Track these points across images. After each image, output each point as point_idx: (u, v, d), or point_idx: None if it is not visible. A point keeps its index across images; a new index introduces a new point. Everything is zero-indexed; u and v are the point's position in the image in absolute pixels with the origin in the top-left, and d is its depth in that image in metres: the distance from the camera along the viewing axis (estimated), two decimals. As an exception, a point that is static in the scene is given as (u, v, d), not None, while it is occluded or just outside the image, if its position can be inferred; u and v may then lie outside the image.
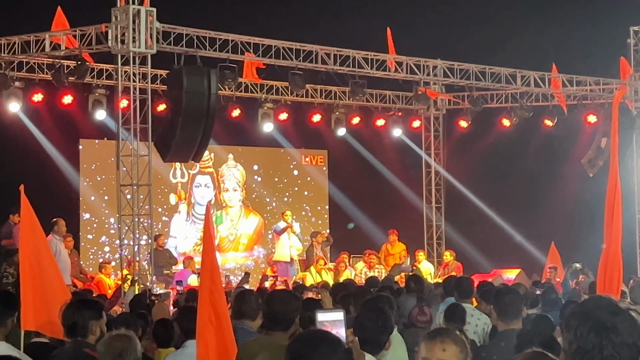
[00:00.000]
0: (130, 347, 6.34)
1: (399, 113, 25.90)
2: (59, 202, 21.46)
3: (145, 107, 17.85)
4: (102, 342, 6.46)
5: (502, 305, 7.64)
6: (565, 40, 24.30)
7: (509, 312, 7.55)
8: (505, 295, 7.76)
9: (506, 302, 7.65)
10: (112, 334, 6.56)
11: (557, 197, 25.15)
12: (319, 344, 3.70)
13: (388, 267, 22.53)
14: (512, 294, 7.87)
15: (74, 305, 7.22)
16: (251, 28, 20.01)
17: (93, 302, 7.54)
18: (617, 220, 4.80)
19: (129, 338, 6.44)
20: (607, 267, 4.85)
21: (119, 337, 6.45)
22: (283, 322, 6.62)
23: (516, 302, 7.72)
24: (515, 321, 7.52)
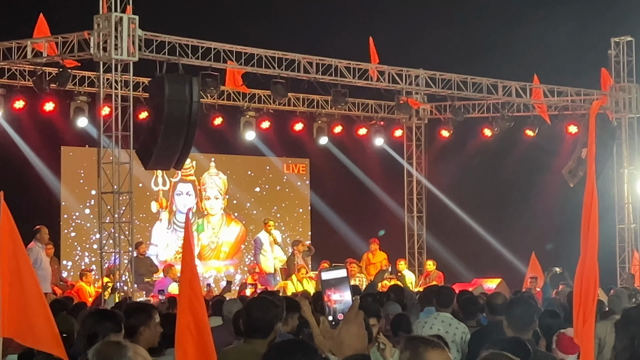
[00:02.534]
0: (116, 356, 6.29)
1: (381, 122, 25.95)
2: (40, 210, 21.42)
3: (127, 115, 17.81)
4: (93, 348, 6.41)
5: (514, 316, 7.60)
6: (546, 51, 24.43)
7: (520, 323, 7.51)
8: (518, 306, 7.74)
9: (518, 313, 7.61)
10: (104, 342, 6.53)
11: (538, 207, 25.24)
12: (294, 353, 3.71)
13: (369, 276, 22.53)
14: (525, 304, 7.85)
15: (95, 315, 7.19)
16: (233, 36, 20.01)
17: (114, 314, 7.50)
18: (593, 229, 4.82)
19: (119, 346, 6.38)
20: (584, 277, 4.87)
21: (109, 344, 6.41)
22: (262, 329, 6.62)
23: (528, 313, 7.68)
24: (526, 332, 7.48)
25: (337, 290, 3.81)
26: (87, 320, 7.05)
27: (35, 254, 17.76)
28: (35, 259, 17.66)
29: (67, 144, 23.09)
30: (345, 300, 3.80)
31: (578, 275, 4.92)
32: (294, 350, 3.78)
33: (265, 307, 6.76)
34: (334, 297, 3.81)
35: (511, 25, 24.93)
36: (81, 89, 21.38)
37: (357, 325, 3.71)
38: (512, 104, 24.37)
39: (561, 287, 19.45)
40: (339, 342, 3.68)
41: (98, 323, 6.94)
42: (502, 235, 25.67)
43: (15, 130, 21.72)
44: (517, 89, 23.29)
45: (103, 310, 8.28)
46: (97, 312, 7.37)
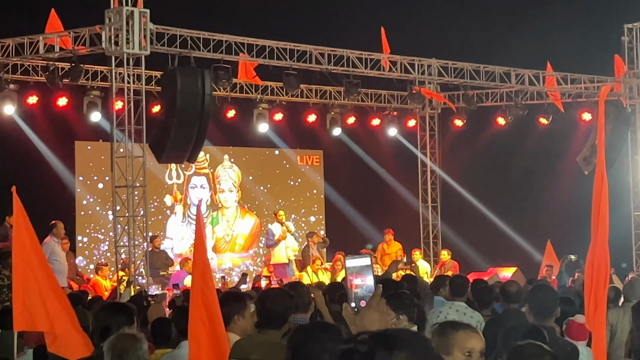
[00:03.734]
0: (131, 350, 6.31)
1: (394, 112, 25.91)
2: (55, 204, 21.48)
3: (140, 109, 17.85)
4: (108, 341, 6.43)
5: (536, 303, 7.58)
6: (559, 38, 24.32)
7: (543, 310, 7.49)
8: (541, 294, 7.70)
9: (540, 300, 7.59)
10: (119, 334, 6.54)
11: (552, 195, 25.17)
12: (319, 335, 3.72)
13: (384, 266, 22.50)
14: (548, 292, 7.81)
15: (107, 308, 7.20)
16: (245, 28, 20.01)
17: (126, 307, 7.52)
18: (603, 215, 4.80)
19: (134, 339, 6.40)
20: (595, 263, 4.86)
21: (124, 337, 6.42)
22: (276, 320, 6.60)
23: (551, 300, 7.64)
24: (548, 320, 7.46)
25: (359, 276, 3.84)
26: (99, 313, 7.06)
27: (51, 249, 17.82)
28: (51, 254, 17.72)
29: (80, 138, 23.14)
30: (367, 286, 3.83)
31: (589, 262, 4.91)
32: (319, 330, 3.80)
33: (279, 298, 6.76)
34: (356, 282, 3.84)
35: (524, 13, 24.85)
36: (94, 84, 21.43)
37: (379, 312, 3.75)
38: (526, 92, 24.29)
39: (577, 275, 19.41)
40: (362, 328, 3.71)
41: (111, 316, 6.95)
42: (517, 223, 25.61)
43: (29, 125, 21.79)
44: (530, 77, 23.22)
45: (116, 303, 8.30)
46: (109, 305, 7.39)
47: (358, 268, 3.81)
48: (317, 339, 3.74)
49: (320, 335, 3.77)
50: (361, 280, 3.79)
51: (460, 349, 5.14)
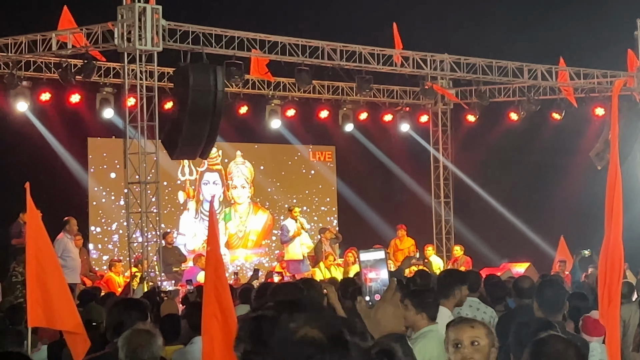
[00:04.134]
0: (146, 345, 6.32)
1: (407, 108, 25.89)
2: (68, 201, 21.51)
3: (152, 105, 17.89)
4: (123, 336, 6.44)
5: (545, 299, 7.57)
6: (572, 33, 24.24)
7: (550, 305, 7.48)
8: (548, 289, 7.69)
9: (548, 295, 7.58)
10: (134, 329, 6.55)
11: (565, 190, 25.11)
12: None
13: (397, 262, 22.49)
14: (555, 287, 7.80)
15: (121, 304, 7.22)
16: (257, 24, 20.02)
17: (139, 303, 7.53)
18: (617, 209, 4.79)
19: (149, 335, 6.40)
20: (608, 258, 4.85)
21: (139, 332, 6.43)
22: None
23: (559, 295, 7.64)
24: (556, 315, 7.44)
25: (373, 269, 3.85)
26: (113, 309, 7.08)
27: (64, 245, 17.86)
28: (64, 250, 17.77)
29: (93, 135, 23.18)
30: (381, 279, 3.84)
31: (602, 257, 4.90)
32: None
33: (291, 292, 6.76)
34: (370, 276, 3.84)
35: (537, 8, 24.79)
36: (106, 80, 21.47)
37: (393, 306, 3.77)
38: (538, 87, 24.24)
39: (590, 270, 19.37)
40: (376, 322, 3.74)
41: (124, 312, 6.97)
42: (530, 219, 25.56)
43: (42, 122, 21.84)
44: (543, 72, 23.17)
45: (129, 299, 8.32)
46: (123, 300, 7.40)
47: (372, 262, 3.82)
48: None
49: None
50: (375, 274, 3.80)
51: (450, 342, 5.23)
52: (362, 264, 3.86)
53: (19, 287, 14.84)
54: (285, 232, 22.62)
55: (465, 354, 5.13)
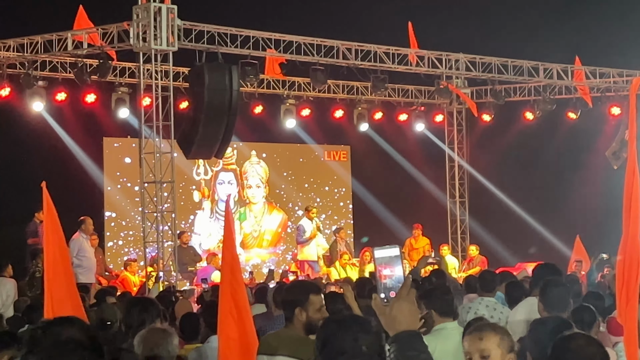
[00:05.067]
0: (162, 343, 6.34)
1: (422, 107, 25.86)
2: (84, 201, 21.57)
3: (168, 105, 17.92)
4: (139, 335, 6.47)
5: (548, 297, 7.55)
6: (588, 32, 24.16)
7: (555, 304, 7.46)
8: (553, 288, 7.68)
9: (553, 294, 7.56)
10: (150, 328, 6.57)
11: (581, 190, 25.02)
12: (350, 326, 3.73)
13: (412, 261, 22.47)
14: (560, 286, 7.79)
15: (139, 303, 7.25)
16: (272, 24, 20.02)
17: (155, 302, 7.60)
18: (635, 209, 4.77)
19: (165, 333, 6.43)
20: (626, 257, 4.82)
21: (155, 331, 6.46)
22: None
23: (563, 294, 7.62)
24: (562, 314, 7.41)
25: (388, 266, 3.83)
26: (132, 308, 7.10)
27: (79, 245, 17.88)
28: (80, 250, 17.81)
29: (109, 135, 23.23)
30: (396, 276, 3.83)
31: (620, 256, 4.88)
32: (350, 322, 3.81)
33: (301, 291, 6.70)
34: (385, 272, 3.83)
35: (552, 7, 24.72)
36: (122, 80, 21.52)
37: (408, 303, 3.75)
38: (554, 86, 24.16)
39: (606, 270, 19.30)
40: (391, 319, 3.73)
41: (144, 311, 6.99)
42: (546, 218, 25.48)
43: (58, 122, 21.90)
44: (558, 71, 23.10)
45: (145, 298, 8.34)
46: (141, 300, 7.42)
47: (387, 259, 3.81)
48: (347, 329, 3.75)
49: (351, 327, 3.77)
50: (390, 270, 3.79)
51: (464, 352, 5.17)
52: (377, 261, 3.85)
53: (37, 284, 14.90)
54: (302, 232, 22.61)
55: None
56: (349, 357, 3.61)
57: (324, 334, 3.71)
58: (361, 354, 3.62)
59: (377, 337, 3.78)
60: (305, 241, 22.44)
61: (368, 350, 3.63)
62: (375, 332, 3.80)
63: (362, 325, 3.76)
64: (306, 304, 6.30)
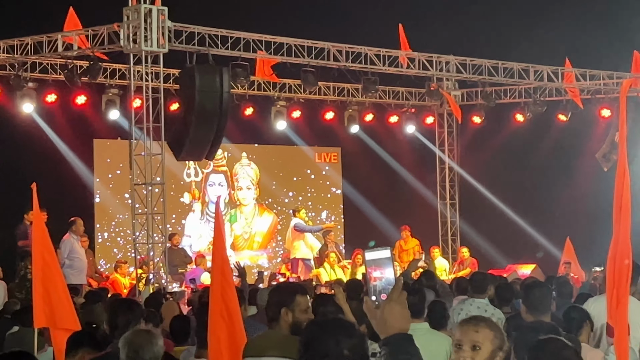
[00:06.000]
0: (147, 345, 6.35)
1: (412, 109, 25.87)
2: (74, 202, 21.54)
3: (158, 106, 17.89)
4: (123, 337, 6.48)
5: (531, 299, 7.56)
6: (578, 35, 24.20)
7: (538, 306, 7.47)
8: (535, 289, 7.69)
9: (536, 295, 7.57)
10: (134, 330, 6.58)
11: (572, 192, 25.06)
12: (333, 329, 3.71)
13: (402, 263, 22.46)
14: (542, 287, 7.80)
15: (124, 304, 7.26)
16: (263, 26, 20.00)
17: (134, 304, 7.62)
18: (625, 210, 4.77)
19: (150, 335, 6.44)
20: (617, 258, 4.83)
21: (140, 333, 6.47)
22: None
23: (546, 296, 7.63)
24: (544, 315, 7.43)
25: (378, 268, 3.81)
26: (118, 309, 7.11)
27: (70, 246, 17.86)
28: (71, 251, 17.78)
29: (99, 136, 23.20)
30: (386, 278, 3.80)
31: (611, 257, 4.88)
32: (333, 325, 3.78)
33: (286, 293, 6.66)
34: (375, 274, 3.81)
35: (543, 9, 24.76)
36: (112, 82, 21.49)
37: (400, 305, 3.73)
38: (544, 88, 24.21)
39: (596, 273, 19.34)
40: (382, 322, 3.71)
41: (121, 313, 7.00)
42: (536, 220, 25.52)
43: (48, 123, 21.85)
44: (549, 74, 23.12)
45: (126, 299, 8.35)
46: (118, 301, 7.44)
47: (378, 261, 3.78)
48: (329, 332, 3.72)
49: (333, 330, 3.75)
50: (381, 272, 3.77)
51: (454, 341, 5.16)
52: (367, 263, 3.83)
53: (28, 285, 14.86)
54: (302, 229, 22.58)
55: (464, 357, 5.05)
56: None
57: (307, 336, 3.70)
58: (343, 357, 3.60)
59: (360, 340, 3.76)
60: (307, 229, 22.43)
61: (350, 354, 3.61)
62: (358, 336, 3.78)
63: (345, 329, 3.74)
64: (292, 305, 6.28)
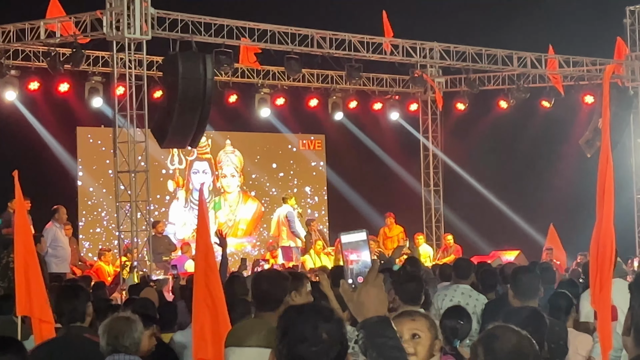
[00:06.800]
0: (127, 331, 6.36)
1: (396, 96, 25.86)
2: (57, 190, 21.46)
3: (141, 94, 17.83)
4: (103, 324, 6.49)
5: (519, 284, 7.58)
6: (561, 21, 24.25)
7: (526, 291, 7.49)
8: (523, 275, 7.71)
9: (523, 281, 7.59)
10: (114, 316, 6.59)
11: (555, 178, 25.14)
12: (309, 314, 3.69)
13: (387, 250, 22.48)
14: (530, 273, 7.81)
15: (70, 291, 7.22)
16: (246, 13, 19.96)
17: (81, 286, 7.62)
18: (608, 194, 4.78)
19: (129, 321, 6.45)
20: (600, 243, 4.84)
21: (119, 319, 6.49)
22: (271, 302, 6.47)
23: (533, 281, 7.65)
24: (532, 301, 7.45)
25: (354, 251, 3.79)
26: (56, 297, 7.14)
27: (53, 234, 17.77)
28: (53, 239, 17.69)
29: (82, 124, 23.11)
30: (362, 261, 3.78)
31: (594, 242, 4.88)
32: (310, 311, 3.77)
33: (273, 279, 6.67)
34: (351, 257, 3.79)
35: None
36: (95, 69, 21.39)
37: (376, 288, 3.71)
38: (528, 75, 24.25)
39: (580, 258, 19.45)
40: (359, 305, 3.69)
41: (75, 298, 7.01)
42: (520, 207, 25.58)
43: (31, 111, 21.75)
44: (532, 60, 23.16)
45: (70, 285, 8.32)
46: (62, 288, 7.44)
47: (354, 244, 3.76)
48: (306, 317, 3.71)
49: (310, 314, 3.74)
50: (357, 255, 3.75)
51: None
52: (344, 246, 3.81)
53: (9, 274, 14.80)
54: (292, 218, 22.63)
55: (405, 348, 5.06)
56: (309, 345, 3.57)
57: (284, 322, 3.69)
58: (322, 341, 3.58)
59: (337, 324, 3.75)
60: (297, 232, 22.55)
61: (328, 338, 3.60)
62: (336, 320, 3.77)
63: (322, 313, 3.73)
64: (301, 289, 6.33)
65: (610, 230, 4.87)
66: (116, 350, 6.39)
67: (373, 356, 3.64)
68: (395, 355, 3.64)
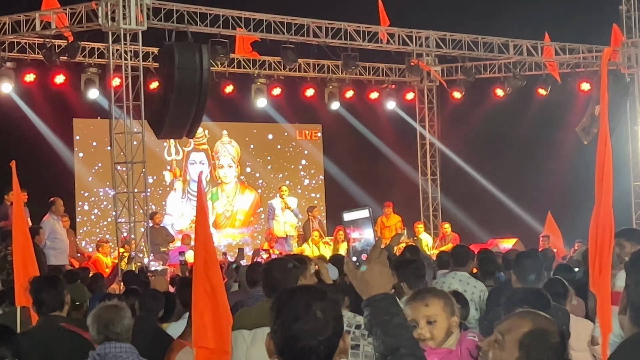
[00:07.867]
0: (117, 319, 6.38)
1: (392, 85, 25.84)
2: (54, 182, 21.45)
3: (138, 85, 17.82)
4: (92, 313, 6.51)
5: (522, 268, 7.58)
6: (557, 8, 24.23)
7: (529, 275, 7.49)
8: (526, 259, 7.71)
9: (527, 265, 7.59)
10: (102, 305, 6.60)
11: (552, 165, 25.15)
12: (302, 293, 3.69)
13: (385, 239, 22.49)
14: (534, 257, 7.81)
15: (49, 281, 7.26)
16: (242, 2, 19.93)
17: (58, 276, 7.68)
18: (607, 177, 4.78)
19: (118, 309, 6.47)
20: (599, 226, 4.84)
21: (108, 308, 6.50)
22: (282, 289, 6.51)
23: (537, 266, 7.65)
24: (536, 285, 7.44)
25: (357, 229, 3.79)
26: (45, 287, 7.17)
27: (51, 226, 17.77)
28: (51, 232, 17.69)
29: (78, 116, 23.09)
30: (365, 239, 3.78)
31: (593, 225, 4.89)
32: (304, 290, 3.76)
33: (284, 267, 6.69)
34: (354, 235, 3.79)
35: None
36: (91, 61, 21.35)
37: (380, 264, 3.69)
38: (524, 63, 24.25)
39: (577, 245, 19.46)
40: (364, 282, 3.68)
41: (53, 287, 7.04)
42: (517, 195, 25.59)
43: (27, 103, 21.73)
44: (528, 48, 23.15)
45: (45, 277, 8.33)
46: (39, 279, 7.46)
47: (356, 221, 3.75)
48: (299, 296, 3.70)
49: (303, 293, 3.73)
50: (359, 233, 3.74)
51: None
52: (345, 224, 3.82)
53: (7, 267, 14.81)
54: (271, 210, 22.75)
55: (422, 334, 5.03)
56: (302, 323, 3.57)
57: (278, 303, 3.68)
58: (316, 319, 3.58)
59: (331, 303, 3.74)
60: (273, 218, 22.62)
61: (322, 315, 3.59)
62: (329, 298, 3.76)
63: (315, 292, 3.72)
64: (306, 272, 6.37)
65: (609, 212, 4.87)
66: (108, 339, 6.40)
67: (378, 334, 3.64)
68: (400, 333, 3.63)
